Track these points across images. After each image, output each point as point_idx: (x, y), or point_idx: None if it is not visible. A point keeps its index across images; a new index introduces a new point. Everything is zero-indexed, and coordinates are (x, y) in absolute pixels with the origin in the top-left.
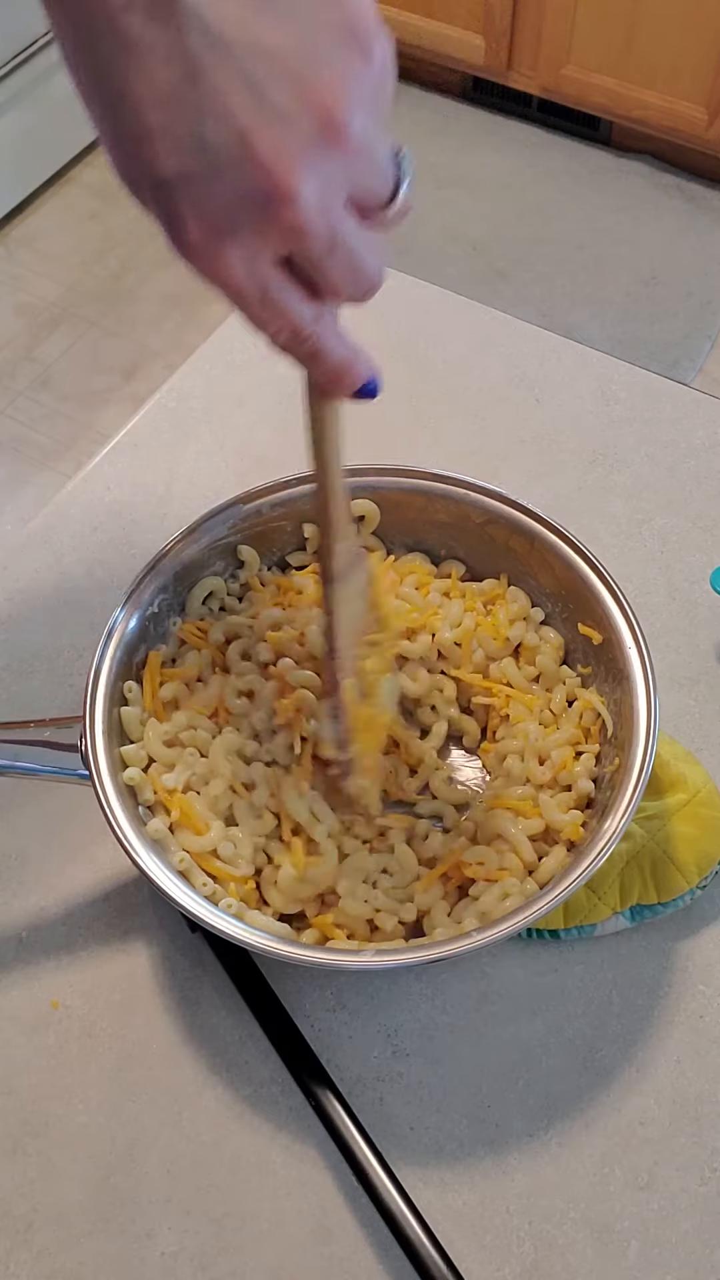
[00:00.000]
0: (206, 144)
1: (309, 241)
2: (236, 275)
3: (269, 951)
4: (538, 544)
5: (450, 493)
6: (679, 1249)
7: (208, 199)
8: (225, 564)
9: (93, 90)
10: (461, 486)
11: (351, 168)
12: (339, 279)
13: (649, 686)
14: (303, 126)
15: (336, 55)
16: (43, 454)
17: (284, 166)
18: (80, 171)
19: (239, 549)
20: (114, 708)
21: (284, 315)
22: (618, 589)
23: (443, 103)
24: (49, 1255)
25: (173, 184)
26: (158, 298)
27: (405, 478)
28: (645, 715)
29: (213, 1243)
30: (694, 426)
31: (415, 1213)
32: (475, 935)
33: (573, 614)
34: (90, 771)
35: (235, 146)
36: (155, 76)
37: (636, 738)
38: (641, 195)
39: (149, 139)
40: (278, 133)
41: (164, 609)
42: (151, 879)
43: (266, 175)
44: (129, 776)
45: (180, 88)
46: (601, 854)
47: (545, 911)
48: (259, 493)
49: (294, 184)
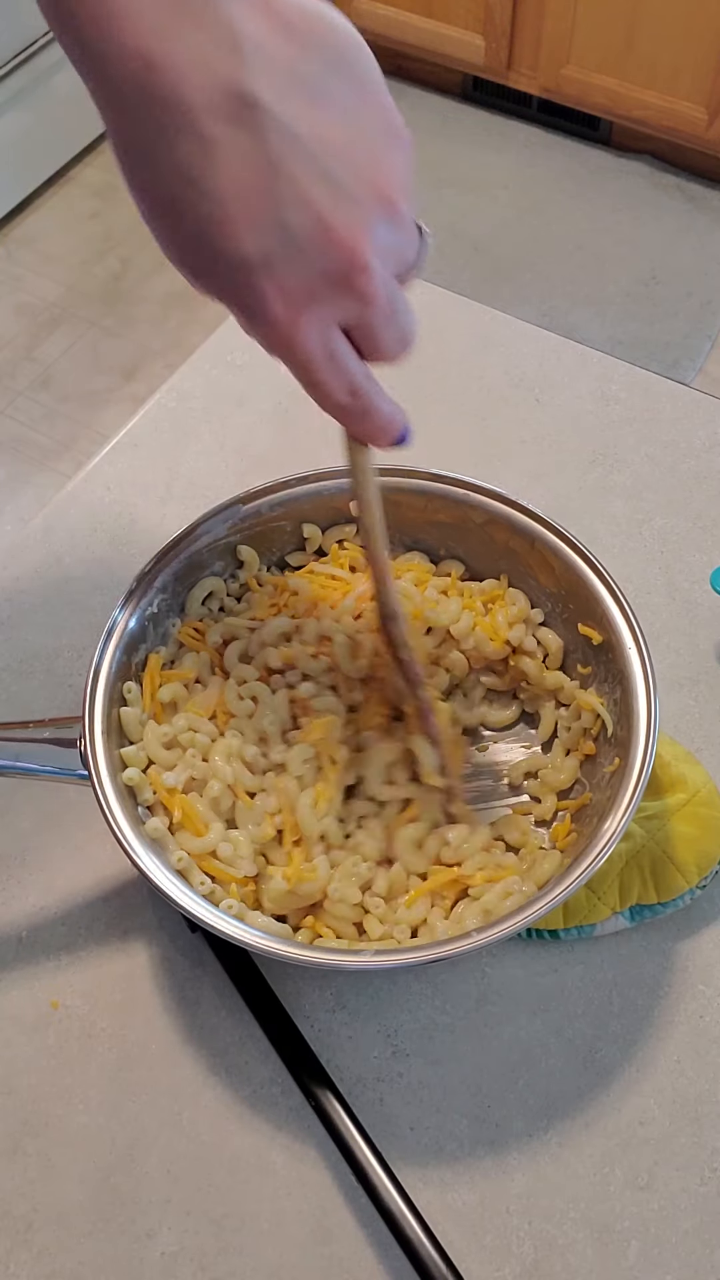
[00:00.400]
0: (288, 227)
1: (375, 307)
2: (311, 342)
3: (269, 952)
4: (538, 545)
5: (450, 493)
6: (679, 1249)
7: (289, 275)
8: (225, 564)
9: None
10: (461, 487)
11: (400, 239)
12: (390, 340)
13: (649, 686)
14: (368, 207)
15: (385, 146)
16: (43, 454)
17: (357, 243)
18: (81, 171)
19: (239, 549)
20: (114, 708)
21: (346, 375)
22: (617, 589)
23: (443, 103)
24: (49, 1255)
25: (254, 265)
26: (158, 298)
27: (405, 478)
28: (645, 715)
29: (213, 1243)
30: (694, 426)
31: (415, 1213)
32: (475, 935)
33: (573, 614)
34: (89, 772)
35: (314, 228)
36: (237, 171)
37: (636, 738)
38: (641, 195)
39: (231, 225)
40: (350, 214)
41: (163, 609)
42: (150, 879)
43: (344, 251)
44: (128, 777)
45: (262, 180)
46: (601, 854)
47: (545, 911)
48: (258, 493)
49: (366, 256)
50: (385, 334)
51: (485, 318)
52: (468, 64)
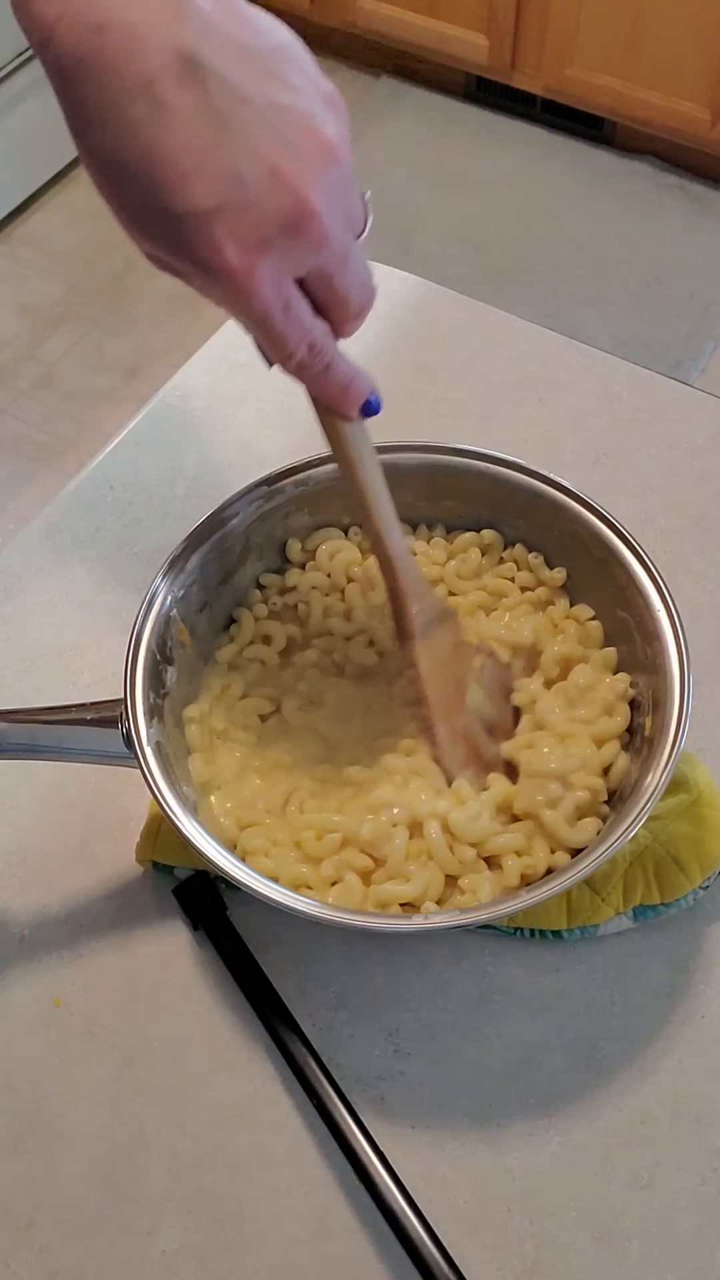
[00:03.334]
0: (242, 177)
1: (329, 252)
2: (266, 291)
3: (320, 917)
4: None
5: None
6: (680, 1249)
7: (241, 222)
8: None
9: (113, 151)
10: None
11: (347, 194)
12: (350, 288)
13: (683, 693)
14: (315, 158)
15: (325, 111)
16: (45, 453)
17: (307, 189)
18: (83, 171)
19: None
20: (151, 689)
21: (303, 327)
22: (676, 616)
23: (446, 103)
24: (50, 1253)
25: (207, 214)
26: (161, 297)
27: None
28: (675, 724)
29: (214, 1240)
30: (697, 426)
31: (416, 1211)
32: (524, 895)
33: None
34: (134, 753)
35: (264, 175)
36: (187, 128)
37: (665, 736)
38: (645, 196)
39: (183, 180)
40: (298, 163)
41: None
42: (221, 868)
43: (294, 197)
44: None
45: (212, 136)
46: (635, 822)
47: (581, 876)
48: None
49: (316, 203)
50: (343, 281)
51: (488, 318)
52: (471, 64)
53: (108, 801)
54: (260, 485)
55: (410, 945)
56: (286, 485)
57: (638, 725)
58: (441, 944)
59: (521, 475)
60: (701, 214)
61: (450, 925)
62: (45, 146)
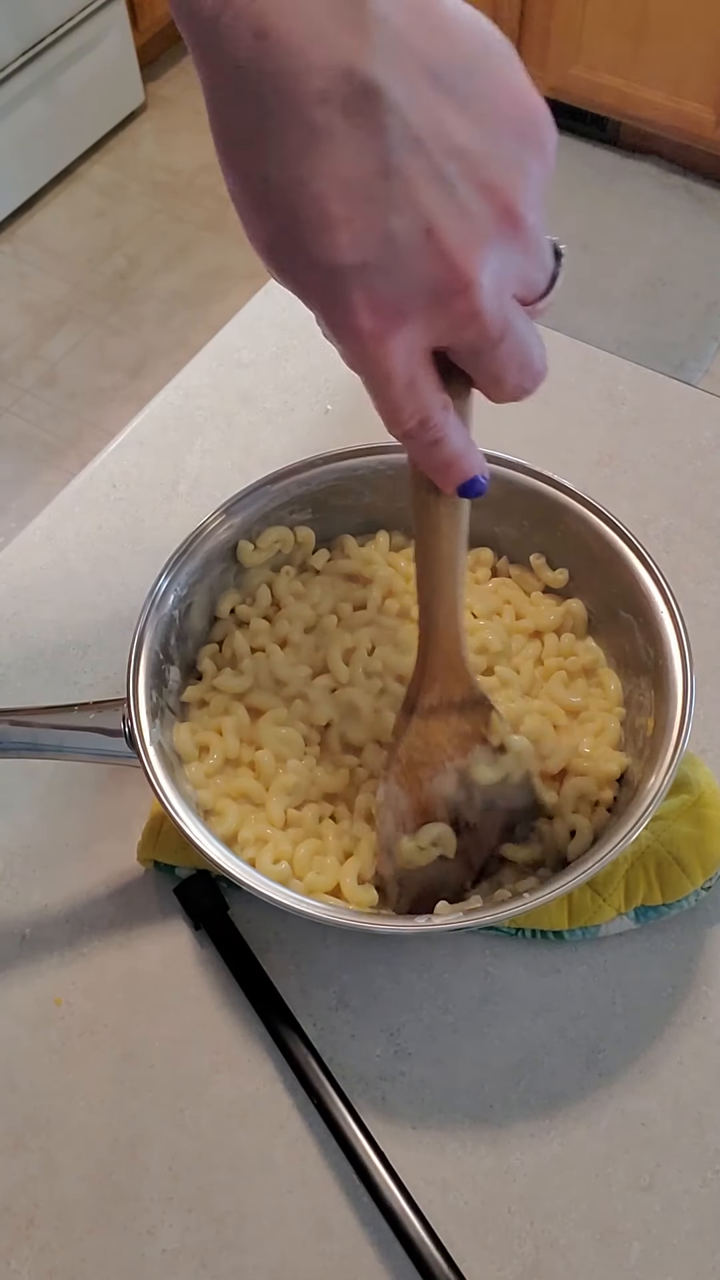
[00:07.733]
0: (391, 235)
1: (483, 329)
2: (396, 361)
3: (321, 918)
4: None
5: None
6: (681, 1250)
7: (384, 287)
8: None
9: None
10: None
11: (522, 260)
12: (503, 370)
13: (686, 695)
14: (485, 220)
15: (518, 152)
16: (48, 452)
17: (465, 257)
18: (87, 169)
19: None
20: (154, 688)
21: (421, 402)
22: (678, 612)
23: None
24: (51, 1252)
25: (347, 272)
26: (164, 296)
27: None
28: (678, 725)
29: (214, 1240)
30: (700, 427)
31: (417, 1212)
32: (526, 897)
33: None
34: (137, 752)
35: (420, 238)
36: (345, 168)
37: (668, 737)
38: (649, 196)
39: (329, 229)
40: (461, 225)
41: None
42: (222, 868)
43: (448, 266)
44: (183, 749)
45: (371, 181)
46: (646, 814)
47: (585, 878)
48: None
49: (473, 273)
50: (493, 361)
51: None
52: None
53: (109, 801)
54: (263, 484)
55: (412, 946)
56: (290, 484)
57: (640, 726)
58: (443, 944)
59: (524, 475)
60: (706, 214)
61: (452, 926)
62: (48, 146)
